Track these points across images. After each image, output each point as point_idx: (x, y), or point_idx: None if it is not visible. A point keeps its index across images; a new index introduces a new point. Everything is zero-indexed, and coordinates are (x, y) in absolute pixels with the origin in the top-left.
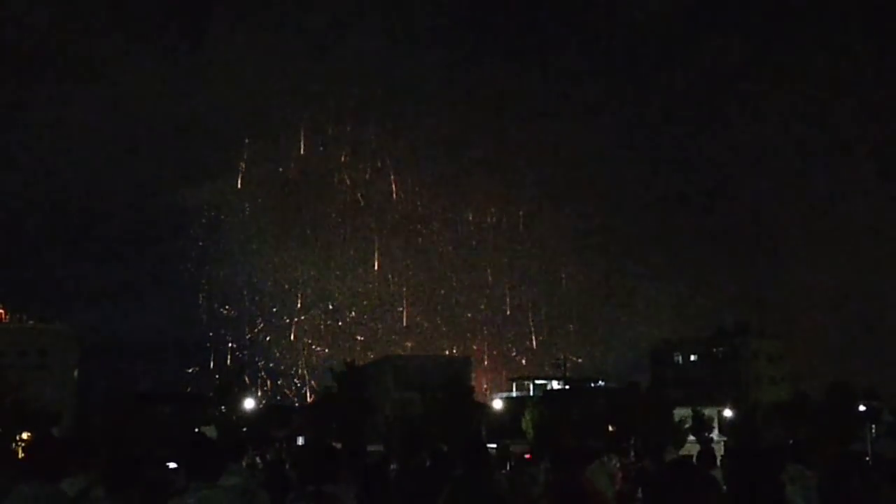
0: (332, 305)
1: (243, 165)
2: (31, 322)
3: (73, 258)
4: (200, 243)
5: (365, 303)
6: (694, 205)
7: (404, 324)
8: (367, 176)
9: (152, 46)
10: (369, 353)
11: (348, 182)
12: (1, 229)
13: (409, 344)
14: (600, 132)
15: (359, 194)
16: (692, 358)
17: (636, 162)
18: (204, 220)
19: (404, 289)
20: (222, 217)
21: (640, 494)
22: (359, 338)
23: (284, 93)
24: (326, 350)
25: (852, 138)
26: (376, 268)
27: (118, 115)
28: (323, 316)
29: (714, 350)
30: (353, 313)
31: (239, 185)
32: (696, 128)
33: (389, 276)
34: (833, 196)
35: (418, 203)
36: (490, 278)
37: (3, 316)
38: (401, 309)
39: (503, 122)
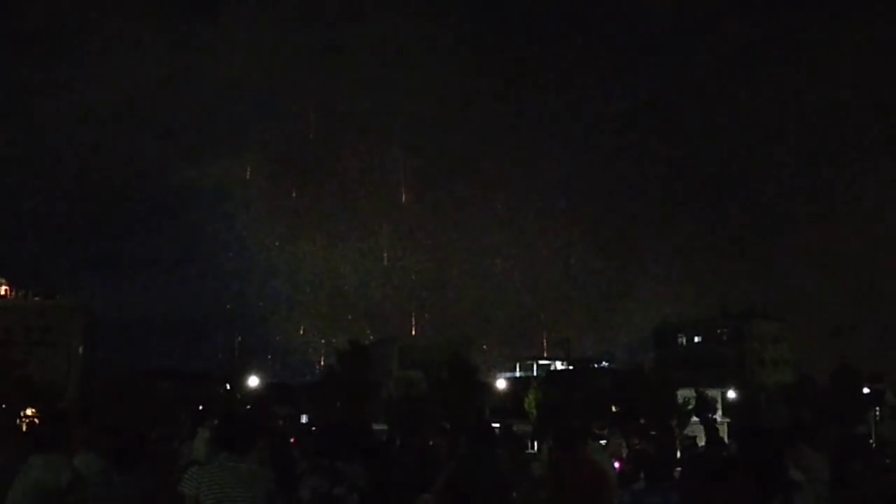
0: (340, 291)
1: (254, 146)
2: (36, 298)
3: (79, 234)
4: (209, 222)
5: (372, 288)
6: (700, 187)
7: (411, 310)
8: (377, 160)
9: (167, 26)
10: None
11: (357, 165)
12: (6, 205)
13: (414, 333)
14: (605, 116)
15: (367, 180)
16: (696, 339)
17: (641, 145)
18: (213, 200)
19: (413, 275)
20: (232, 197)
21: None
22: (368, 331)
23: (296, 75)
24: (332, 334)
25: (861, 120)
26: (384, 255)
27: (129, 92)
28: (330, 300)
29: (718, 331)
30: (362, 301)
31: (249, 166)
32: (702, 111)
33: (397, 261)
34: (839, 178)
35: (426, 189)
36: (495, 262)
37: (8, 292)
38: (408, 296)
39: (512, 109)
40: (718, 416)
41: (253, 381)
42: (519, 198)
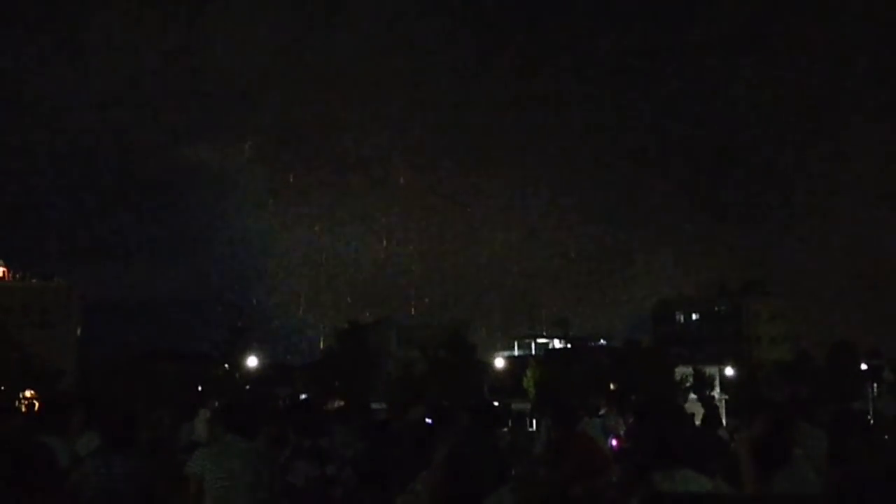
0: (339, 272)
1: (252, 129)
2: (33, 280)
3: (77, 216)
4: (208, 202)
5: (371, 269)
6: (698, 164)
7: (410, 290)
8: (374, 141)
9: (162, 8)
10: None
11: (355, 147)
12: (3, 187)
13: (412, 313)
14: (601, 94)
15: (365, 161)
16: (694, 316)
17: (638, 121)
18: (212, 182)
19: (410, 255)
20: (231, 179)
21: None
22: (367, 312)
23: (293, 57)
24: (331, 315)
25: (861, 97)
26: (382, 236)
27: (127, 75)
28: (329, 281)
29: (716, 309)
30: (361, 282)
31: (247, 148)
32: (702, 87)
33: (395, 241)
34: (838, 155)
35: (423, 169)
36: (493, 240)
37: (5, 274)
38: (406, 276)
39: (508, 88)
40: (716, 393)
41: (252, 362)
42: (516, 177)
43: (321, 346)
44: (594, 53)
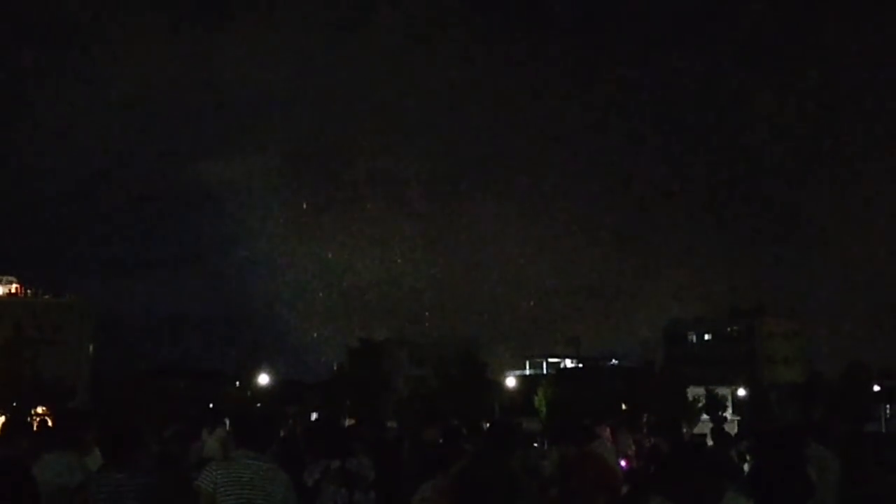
0: (352, 290)
1: (270, 146)
2: (46, 297)
3: (89, 232)
4: (222, 220)
5: (384, 287)
6: (711, 185)
7: (422, 308)
8: (390, 161)
9: (175, 24)
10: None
11: (371, 167)
12: (18, 203)
13: (424, 331)
14: (614, 117)
15: (380, 181)
16: (706, 337)
17: (654, 142)
18: (227, 199)
19: (423, 274)
20: (247, 196)
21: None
22: (379, 330)
23: (308, 75)
24: (344, 333)
25: (872, 117)
26: (396, 255)
27: (141, 91)
28: (342, 300)
29: (728, 329)
30: (374, 300)
31: (264, 165)
32: (715, 109)
33: (409, 261)
34: (851, 176)
35: (437, 190)
36: (506, 260)
37: (18, 290)
38: (419, 294)
39: (521, 111)
40: (728, 414)
41: (263, 380)
42: (529, 198)
43: (333, 364)
44: (609, 81)
